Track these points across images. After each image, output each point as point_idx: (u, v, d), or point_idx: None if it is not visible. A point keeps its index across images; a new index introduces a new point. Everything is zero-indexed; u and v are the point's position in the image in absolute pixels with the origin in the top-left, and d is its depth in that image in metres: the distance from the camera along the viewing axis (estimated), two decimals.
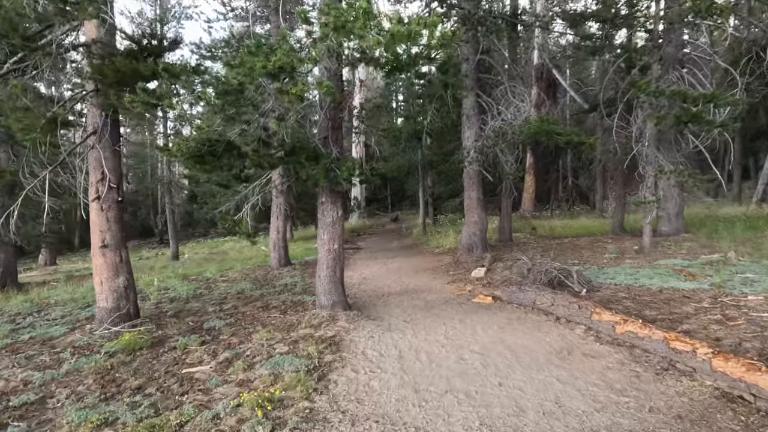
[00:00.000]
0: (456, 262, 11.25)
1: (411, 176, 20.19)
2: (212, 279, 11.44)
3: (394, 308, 7.39)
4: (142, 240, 34.98)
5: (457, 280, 9.59)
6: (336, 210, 6.79)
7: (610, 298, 6.96)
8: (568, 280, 7.76)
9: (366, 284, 9.72)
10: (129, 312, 7.03)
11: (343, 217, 6.92)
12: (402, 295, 8.39)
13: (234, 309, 7.92)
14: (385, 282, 9.84)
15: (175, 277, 11.87)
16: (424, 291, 8.72)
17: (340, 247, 6.93)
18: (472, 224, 11.50)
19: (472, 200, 11.43)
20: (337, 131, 6.65)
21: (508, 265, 10.11)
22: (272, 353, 5.23)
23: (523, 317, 6.36)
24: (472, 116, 11.21)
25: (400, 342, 5.51)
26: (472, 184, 11.37)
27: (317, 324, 6.25)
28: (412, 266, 11.71)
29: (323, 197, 6.80)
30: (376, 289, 9.10)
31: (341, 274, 7.05)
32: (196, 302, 8.69)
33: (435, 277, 10.10)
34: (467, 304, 7.46)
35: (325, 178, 5.54)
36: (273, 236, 12.02)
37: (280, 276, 11.08)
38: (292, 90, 4.03)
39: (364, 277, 10.63)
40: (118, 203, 6.95)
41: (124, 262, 7.04)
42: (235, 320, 7.07)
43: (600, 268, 9.18)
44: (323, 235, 6.87)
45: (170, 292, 9.90)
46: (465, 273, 10.15)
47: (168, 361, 5.35)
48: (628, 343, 4.87)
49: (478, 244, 11.46)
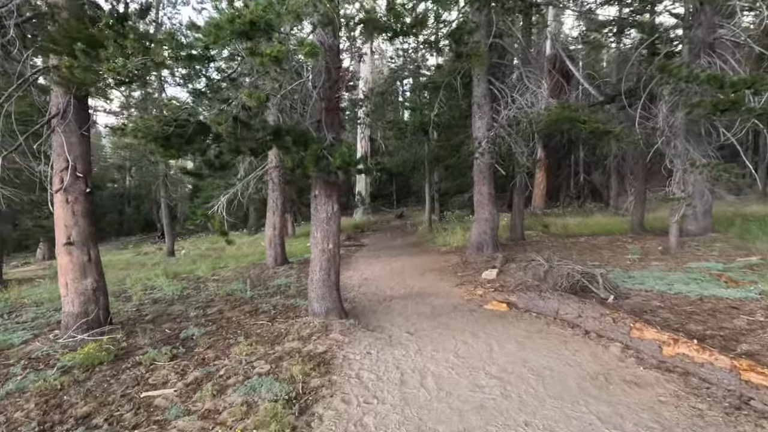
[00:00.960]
0: (465, 263, 10.33)
1: (417, 171, 19.25)
2: (203, 278, 10.60)
3: (396, 316, 6.50)
4: (145, 234, 34.24)
5: (467, 282, 8.68)
6: (330, 204, 5.90)
7: (643, 308, 6.02)
8: (592, 285, 6.83)
9: (367, 286, 8.83)
10: (98, 317, 6.19)
11: (338, 213, 6.03)
12: (406, 300, 7.49)
13: (219, 314, 7.06)
14: (388, 284, 8.95)
15: (165, 275, 11.04)
16: (431, 295, 7.82)
17: (335, 247, 6.04)
18: (482, 221, 10.57)
19: (482, 196, 10.50)
20: (333, 114, 5.75)
21: (521, 267, 9.18)
22: (250, 373, 4.36)
23: (545, 330, 5.44)
24: (484, 105, 10.26)
25: (402, 361, 4.61)
26: (483, 179, 10.43)
27: (307, 335, 5.36)
28: (417, 266, 10.81)
29: (316, 190, 5.92)
30: (378, 293, 8.21)
31: (337, 277, 6.16)
32: (180, 305, 7.84)
33: (442, 279, 9.19)
34: (479, 311, 6.56)
35: (314, 165, 4.65)
36: (269, 233, 11.16)
37: (275, 275, 10.21)
38: (267, 51, 3.14)
39: (365, 277, 9.74)
40: (86, 195, 6.09)
41: (93, 261, 6.19)
42: (216, 328, 6.21)
43: (625, 270, 8.22)
44: (316, 233, 5.98)
45: (156, 293, 9.07)
46: (475, 274, 9.23)
47: (128, 380, 4.49)
48: (680, 369, 3.95)
49: (489, 242, 10.53)
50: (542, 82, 8.82)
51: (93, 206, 6.28)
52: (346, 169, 5.02)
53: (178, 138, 4.34)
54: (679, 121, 9.09)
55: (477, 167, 10.45)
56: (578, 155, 18.95)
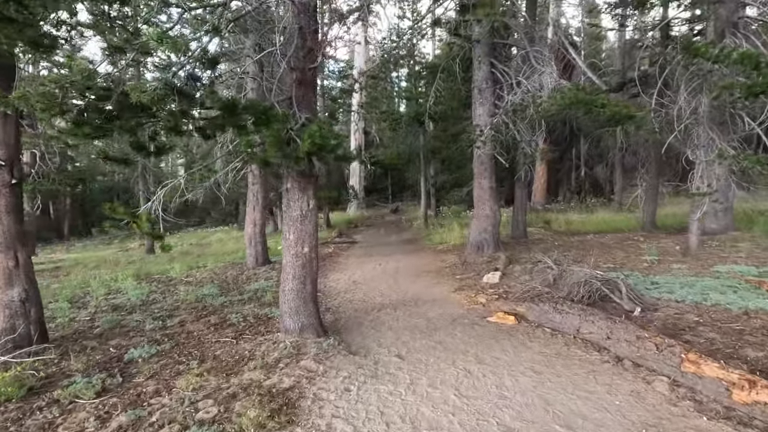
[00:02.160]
0: (463, 263, 9.27)
1: (412, 164, 18.15)
2: (175, 280, 9.50)
3: (386, 331, 5.44)
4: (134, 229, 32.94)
5: (466, 286, 7.64)
6: (305, 200, 4.81)
7: (678, 324, 4.99)
8: (614, 294, 5.79)
9: (355, 291, 7.76)
10: (28, 334, 5.09)
11: (315, 211, 4.94)
12: (398, 309, 6.43)
13: (179, 326, 5.98)
14: (379, 288, 7.88)
15: (135, 276, 9.93)
16: (426, 302, 6.77)
17: (311, 251, 4.95)
18: (483, 218, 9.51)
19: (483, 190, 9.43)
20: (307, 89, 4.65)
21: (527, 269, 8.14)
22: (190, 420, 3.29)
23: (564, 353, 4.40)
24: (485, 90, 9.17)
25: (389, 402, 3.55)
26: (484, 171, 9.36)
27: (273, 362, 4.29)
28: (411, 266, 9.75)
29: (288, 182, 4.83)
30: (366, 299, 7.14)
31: (313, 287, 5.08)
32: (141, 313, 6.76)
33: (439, 282, 8.14)
34: (482, 325, 5.51)
35: (276, 149, 3.57)
36: (248, 230, 10.06)
37: (254, 277, 9.13)
38: None
39: (354, 280, 8.67)
40: (12, 188, 4.97)
41: (22, 267, 5.08)
42: (171, 346, 5.13)
43: (644, 275, 7.19)
44: (289, 234, 4.90)
45: (119, 297, 7.98)
46: (475, 277, 8.18)
47: (33, 428, 3.41)
48: (762, 424, 2.90)
49: (490, 241, 9.48)
50: (551, 64, 7.72)
51: (20, 200, 5.15)
52: (320, 156, 3.92)
53: (96, 113, 3.23)
54: (703, 107, 8.03)
55: (477, 158, 9.37)
56: (579, 148, 17.90)
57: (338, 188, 21.89)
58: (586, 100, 6.23)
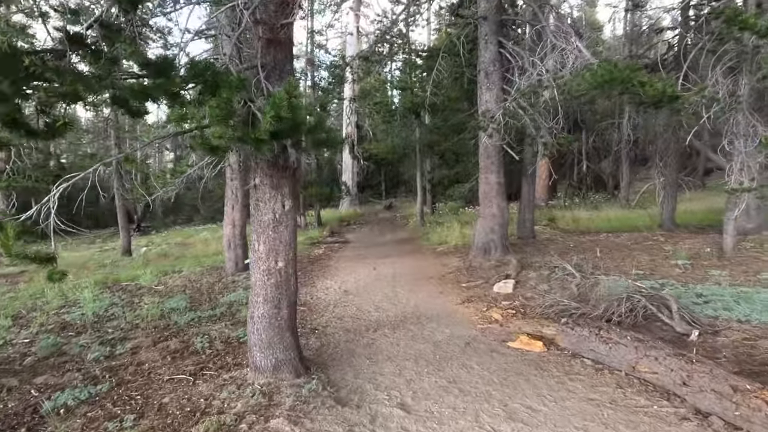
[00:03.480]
0: (468, 268, 8.15)
1: (407, 158, 17.00)
2: (144, 288, 8.27)
3: (384, 363, 4.29)
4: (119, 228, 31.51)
5: (475, 297, 6.51)
6: (279, 200, 3.64)
7: (753, 354, 3.90)
8: (661, 312, 4.69)
9: (346, 304, 6.59)
10: None
11: (293, 213, 3.77)
12: (397, 329, 5.29)
13: (131, 355, 4.79)
14: (374, 299, 6.73)
15: (100, 284, 8.70)
16: (430, 318, 5.63)
17: (288, 265, 3.78)
18: (489, 217, 8.38)
19: (490, 186, 8.29)
20: (279, 53, 3.46)
21: (543, 276, 7.03)
22: None
23: (621, 401, 3.27)
24: (493, 73, 8.01)
25: None
26: (491, 165, 8.21)
27: (233, 421, 3.13)
28: (410, 271, 8.61)
29: (257, 176, 3.65)
30: (360, 315, 5.98)
31: (292, 311, 3.91)
32: (89, 336, 5.54)
33: (442, 291, 7.01)
34: (503, 353, 4.39)
35: (224, 125, 2.39)
36: (227, 231, 8.84)
37: (231, 286, 7.92)
38: None
39: (345, 289, 7.50)
40: None
41: None
42: (110, 388, 3.95)
43: (683, 284, 6.10)
44: (258, 243, 3.72)
45: (72, 312, 6.74)
46: (484, 286, 7.06)
47: None
48: None
49: (498, 243, 8.35)
50: (572, 39, 6.58)
51: None
52: (292, 137, 2.75)
53: None
54: (743, 89, 6.95)
55: (483, 151, 8.22)
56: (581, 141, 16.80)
57: (330, 184, 20.69)
58: (623, 77, 5.08)
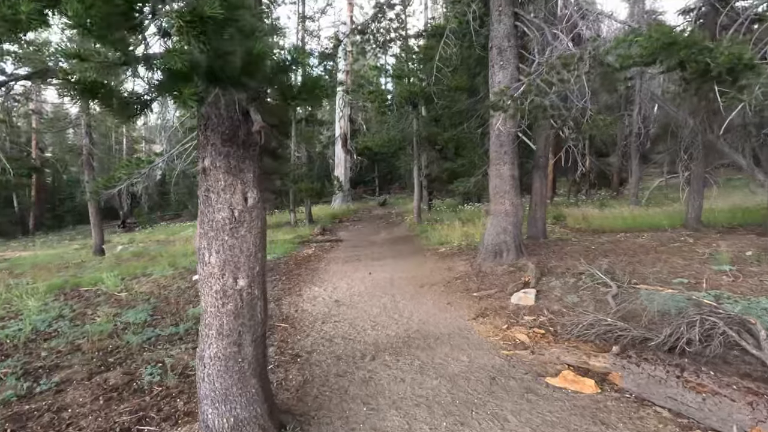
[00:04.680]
0: (478, 273, 7.03)
1: (403, 152, 15.83)
2: (105, 295, 7.05)
3: (385, 412, 3.15)
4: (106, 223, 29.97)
5: (491, 310, 5.40)
6: (240, 189, 2.48)
7: None
8: (741, 338, 3.59)
9: (337, 319, 5.43)
10: None
11: (261, 209, 2.60)
12: (401, 355, 4.15)
13: (53, 397, 3.60)
14: (370, 313, 5.58)
15: (56, 289, 7.49)
16: (440, 340, 4.51)
17: (253, 285, 2.62)
18: (502, 216, 7.26)
19: (502, 179, 7.16)
20: None
21: (568, 285, 5.92)
22: None
23: None
24: (507, 49, 6.87)
25: None
26: (504, 155, 7.08)
27: None
28: (410, 276, 7.47)
29: (206, 155, 2.48)
30: (353, 335, 4.82)
31: (260, 349, 2.74)
32: (13, 362, 4.33)
33: (451, 302, 5.88)
34: (543, 395, 3.27)
35: (103, 35, 1.21)
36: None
37: None
38: None
39: (336, 298, 6.34)
40: None
41: None
42: None
43: (743, 297, 5.01)
44: (208, 253, 2.55)
45: (8, 327, 5.51)
46: (499, 295, 5.95)
47: None
48: None
49: (510, 245, 7.24)
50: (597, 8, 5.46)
51: None
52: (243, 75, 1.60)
53: None
54: None
55: (496, 139, 7.09)
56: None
57: (321, 179, 19.49)
58: (687, 41, 3.99)
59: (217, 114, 2.42)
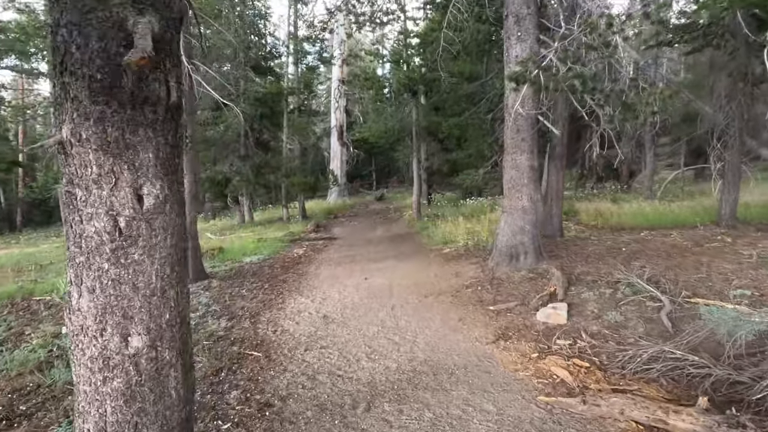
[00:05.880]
0: (492, 281, 5.94)
1: (402, 143, 14.69)
2: (55, 307, 5.92)
3: None
4: None
5: (514, 331, 4.33)
6: (129, 181, 1.35)
7: None
8: None
9: (324, 344, 4.32)
10: None
11: (176, 212, 1.47)
12: (402, 406, 3.07)
13: None
14: (365, 334, 4.49)
15: (4, 298, 6.37)
16: (455, 376, 3.44)
17: (162, 346, 1.50)
18: (519, 213, 6.17)
19: (519, 171, 6.06)
20: None
21: (605, 297, 4.85)
22: None
23: None
24: (526, 17, 5.74)
25: None
26: (522, 142, 5.97)
27: None
28: (411, 283, 6.38)
29: (63, 113, 1.35)
30: (343, 370, 3.72)
31: None
32: None
33: (462, 318, 4.80)
34: None
35: None
36: None
37: None
38: None
39: (325, 313, 5.24)
40: None
41: None
42: None
43: None
44: (77, 295, 1.43)
45: None
46: (521, 310, 4.88)
47: None
48: None
49: (529, 247, 6.16)
50: None
51: None
52: None
53: None
54: None
55: (513, 124, 5.96)
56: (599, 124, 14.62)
57: (316, 173, 18.34)
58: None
59: (82, 42, 1.30)
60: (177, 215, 1.51)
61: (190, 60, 6.22)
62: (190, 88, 6.15)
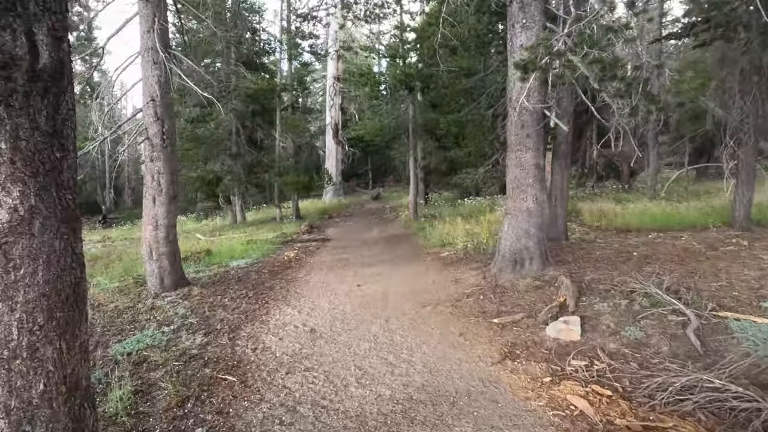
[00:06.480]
0: (494, 289, 5.45)
1: (398, 141, 14.18)
2: None
3: None
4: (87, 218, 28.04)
5: (522, 348, 3.85)
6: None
7: None
8: None
9: (309, 365, 3.81)
10: None
11: (54, 232, 0.96)
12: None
13: None
14: (356, 352, 3.99)
15: None
16: (458, 408, 2.95)
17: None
18: (523, 215, 5.69)
19: (524, 169, 5.58)
20: None
21: (621, 309, 4.36)
22: None
23: None
24: (532, 3, 5.26)
25: None
26: (526, 138, 5.49)
27: None
28: (407, 290, 5.90)
29: None
30: (327, 400, 3.22)
31: None
32: None
33: (464, 335, 4.30)
34: None
35: None
36: (147, 234, 5.93)
37: (148, 315, 5.09)
38: None
39: (312, 327, 4.74)
40: None
41: None
42: None
43: None
44: None
45: None
46: (527, 321, 4.40)
47: None
48: None
49: (535, 252, 5.68)
50: None
51: None
52: None
53: None
54: None
55: (517, 119, 5.48)
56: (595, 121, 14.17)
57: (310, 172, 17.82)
58: None
59: None
60: (56, 236, 1.01)
61: (167, 49, 5.70)
62: (167, 80, 5.62)
